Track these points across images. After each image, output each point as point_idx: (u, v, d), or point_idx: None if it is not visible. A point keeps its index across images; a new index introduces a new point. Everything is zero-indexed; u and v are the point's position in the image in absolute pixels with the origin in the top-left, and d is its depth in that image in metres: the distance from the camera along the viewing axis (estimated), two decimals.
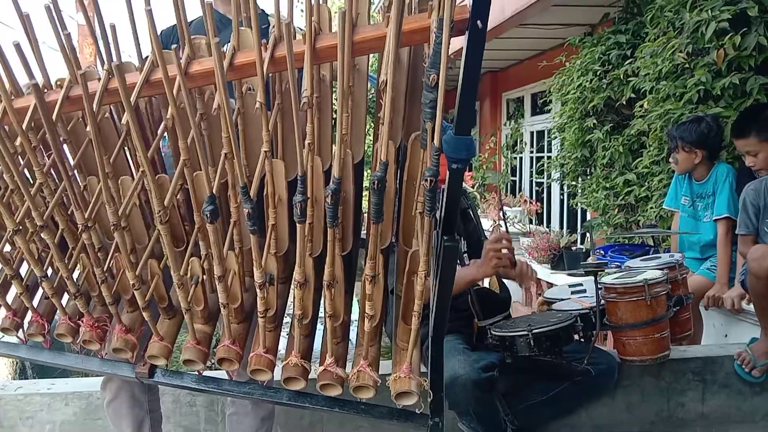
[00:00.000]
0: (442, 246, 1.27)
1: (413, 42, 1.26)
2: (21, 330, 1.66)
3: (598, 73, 4.91)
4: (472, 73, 1.13)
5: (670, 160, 3.43)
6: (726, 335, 3.27)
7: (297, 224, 1.27)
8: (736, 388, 2.71)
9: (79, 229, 1.41)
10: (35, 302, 1.70)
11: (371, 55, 1.55)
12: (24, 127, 1.32)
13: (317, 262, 1.40)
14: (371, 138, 2.37)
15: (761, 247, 2.56)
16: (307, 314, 1.41)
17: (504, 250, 2.16)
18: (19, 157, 1.42)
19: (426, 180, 1.17)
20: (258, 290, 1.38)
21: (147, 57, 1.37)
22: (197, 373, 1.60)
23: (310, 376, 1.49)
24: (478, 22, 1.09)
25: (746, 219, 2.87)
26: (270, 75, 1.39)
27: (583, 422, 2.62)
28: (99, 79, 1.37)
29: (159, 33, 1.98)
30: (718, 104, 3.41)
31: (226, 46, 2.00)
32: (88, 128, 1.32)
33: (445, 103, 1.15)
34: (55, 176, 1.47)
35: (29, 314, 1.70)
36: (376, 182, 1.18)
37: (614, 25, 5.16)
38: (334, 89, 1.56)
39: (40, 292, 1.72)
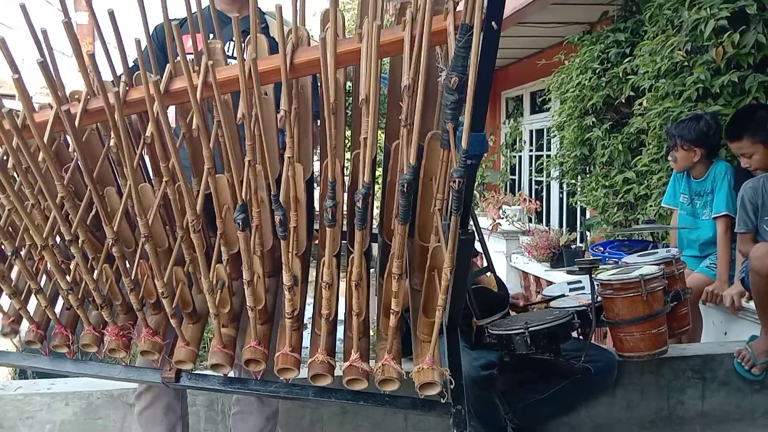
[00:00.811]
0: (458, 239, 1.30)
1: (430, 44, 1.28)
2: (45, 342, 1.67)
3: (597, 72, 4.90)
4: (486, 73, 1.16)
5: (669, 158, 3.43)
6: (725, 333, 3.27)
7: (327, 228, 1.31)
8: (736, 386, 2.71)
9: (109, 244, 1.43)
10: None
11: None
12: (45, 140, 1.32)
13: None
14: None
15: (764, 245, 2.56)
16: (332, 312, 1.44)
17: None
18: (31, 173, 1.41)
19: (454, 181, 1.19)
20: (287, 293, 1.41)
21: (166, 68, 1.38)
22: (223, 374, 1.62)
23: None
24: (493, 23, 1.11)
25: (745, 217, 2.87)
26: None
27: (583, 420, 2.62)
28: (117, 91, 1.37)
29: (153, 29, 1.99)
30: (717, 102, 3.41)
31: (228, 44, 2.01)
32: (112, 142, 1.33)
33: None
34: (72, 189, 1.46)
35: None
36: (405, 185, 1.20)
37: (613, 23, 5.15)
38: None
39: (58, 302, 1.72)
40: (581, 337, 2.39)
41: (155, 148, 1.33)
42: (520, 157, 8.86)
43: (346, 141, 1.73)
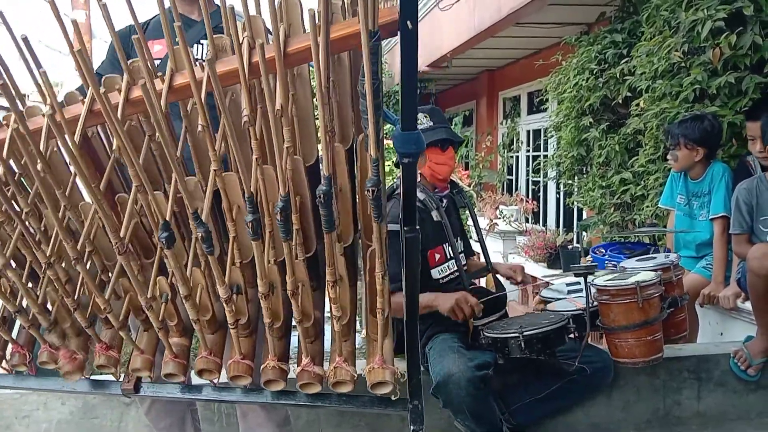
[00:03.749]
0: (404, 237, 1.31)
1: (350, 47, 1.27)
2: (4, 360, 1.67)
3: (594, 72, 4.91)
4: (409, 73, 1.15)
5: (668, 157, 3.42)
6: (721, 333, 3.28)
7: (253, 242, 1.30)
8: (732, 386, 2.72)
9: (43, 268, 1.40)
10: (14, 332, 1.69)
11: None
12: None
13: (281, 266, 1.41)
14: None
15: (762, 246, 2.56)
16: (278, 318, 1.44)
17: (464, 311, 2.27)
18: None
19: (368, 190, 1.18)
20: (225, 305, 1.40)
21: (124, 79, 1.33)
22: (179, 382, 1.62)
23: (289, 376, 1.52)
24: (408, 22, 1.10)
25: (740, 218, 2.88)
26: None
27: (580, 420, 2.63)
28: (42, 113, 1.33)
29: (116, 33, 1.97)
30: (713, 103, 3.42)
31: (195, 47, 1.99)
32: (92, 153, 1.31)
33: (441, 103, 1.16)
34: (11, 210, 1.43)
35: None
36: (321, 196, 1.20)
37: (610, 24, 5.16)
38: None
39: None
40: (577, 340, 2.39)
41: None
42: (517, 157, 8.87)
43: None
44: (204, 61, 1.24)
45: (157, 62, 1.36)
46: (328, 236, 1.27)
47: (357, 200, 1.46)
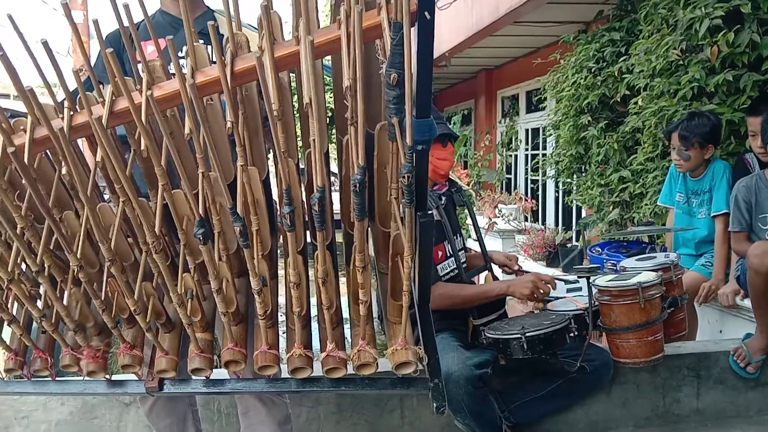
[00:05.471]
0: (418, 223, 1.35)
1: (367, 39, 1.29)
2: (25, 367, 1.66)
3: (592, 71, 4.92)
4: (425, 62, 1.17)
5: (676, 157, 3.30)
6: (720, 331, 3.29)
7: (288, 233, 1.34)
8: (731, 384, 2.72)
9: (75, 271, 1.42)
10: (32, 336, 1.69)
11: None
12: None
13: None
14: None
15: (762, 244, 2.56)
16: (304, 308, 1.48)
17: (543, 291, 2.35)
18: None
19: (403, 176, 1.22)
20: (257, 296, 1.44)
21: (108, 89, 1.34)
22: (204, 377, 1.64)
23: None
24: (426, 13, 1.13)
25: (739, 216, 2.88)
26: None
27: (579, 418, 2.63)
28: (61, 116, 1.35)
29: (105, 37, 1.98)
30: (711, 101, 3.43)
31: (183, 48, 2.00)
32: (64, 170, 1.32)
33: (439, 102, 1.17)
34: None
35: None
36: (357, 185, 1.23)
37: (608, 22, 5.17)
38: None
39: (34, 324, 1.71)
40: (578, 339, 2.39)
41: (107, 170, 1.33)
42: (515, 156, 8.88)
43: (298, 135, 1.74)
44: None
45: (158, 62, 1.38)
46: (360, 224, 1.30)
47: (373, 184, 1.48)
